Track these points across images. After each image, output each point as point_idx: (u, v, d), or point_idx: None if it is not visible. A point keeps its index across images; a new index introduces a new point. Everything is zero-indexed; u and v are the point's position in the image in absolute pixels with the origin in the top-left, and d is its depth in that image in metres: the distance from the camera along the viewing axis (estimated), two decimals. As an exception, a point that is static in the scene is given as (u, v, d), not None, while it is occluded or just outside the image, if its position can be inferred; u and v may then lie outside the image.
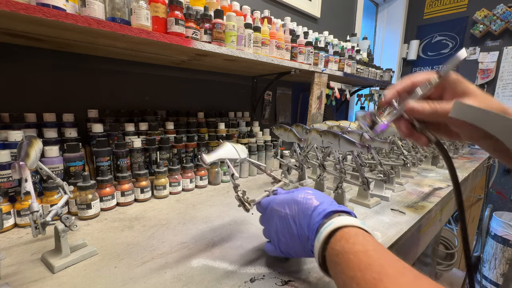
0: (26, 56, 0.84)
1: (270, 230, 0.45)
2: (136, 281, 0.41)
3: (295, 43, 1.21)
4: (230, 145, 0.54)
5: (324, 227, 0.35)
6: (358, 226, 0.35)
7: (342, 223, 0.34)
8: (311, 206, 0.40)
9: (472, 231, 1.92)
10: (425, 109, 0.36)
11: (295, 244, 0.41)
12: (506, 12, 2.28)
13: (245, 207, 0.45)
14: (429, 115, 0.35)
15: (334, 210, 0.38)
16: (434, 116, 0.35)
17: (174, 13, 0.76)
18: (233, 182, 0.48)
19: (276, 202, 0.44)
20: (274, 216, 0.44)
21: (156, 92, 1.17)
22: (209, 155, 0.48)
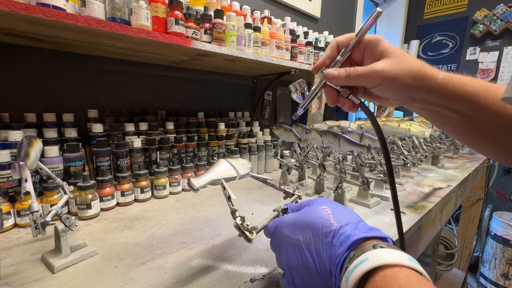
0: (26, 56, 0.84)
1: (281, 260, 0.35)
2: (136, 281, 0.41)
3: (295, 43, 1.21)
4: (226, 163, 0.48)
5: (355, 266, 0.24)
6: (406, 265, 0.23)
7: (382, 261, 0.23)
8: (329, 229, 0.30)
9: (472, 231, 1.92)
10: (340, 75, 0.36)
11: (314, 279, 0.30)
12: (506, 12, 2.28)
13: (247, 238, 0.37)
14: (344, 80, 0.36)
15: (363, 237, 0.28)
16: (349, 81, 0.36)
17: (174, 13, 0.76)
18: (230, 206, 0.41)
19: (285, 225, 0.35)
20: (283, 244, 0.34)
21: (156, 92, 1.17)
22: (197, 179, 0.41)
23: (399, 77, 0.34)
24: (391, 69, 0.34)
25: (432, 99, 0.36)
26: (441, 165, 1.22)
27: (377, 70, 0.34)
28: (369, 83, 0.36)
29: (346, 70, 0.36)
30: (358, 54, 0.38)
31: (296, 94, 0.42)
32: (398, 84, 0.34)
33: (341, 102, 0.39)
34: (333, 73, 0.37)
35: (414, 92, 0.35)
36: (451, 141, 1.43)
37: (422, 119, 1.32)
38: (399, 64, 0.34)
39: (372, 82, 0.35)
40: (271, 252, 0.50)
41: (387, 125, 0.93)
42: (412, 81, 0.34)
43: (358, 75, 0.35)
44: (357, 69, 0.35)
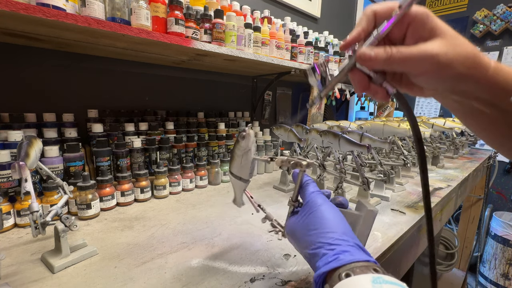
0: (26, 56, 0.84)
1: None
2: (136, 281, 0.41)
3: (295, 43, 1.21)
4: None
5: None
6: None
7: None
8: (313, 251, 0.30)
9: (472, 231, 1.92)
10: (378, 56, 0.28)
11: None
12: (506, 12, 2.28)
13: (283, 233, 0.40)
14: (383, 63, 0.28)
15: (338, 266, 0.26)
16: (389, 64, 0.28)
17: (174, 13, 0.76)
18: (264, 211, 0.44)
19: (287, 231, 0.38)
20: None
21: (156, 92, 1.17)
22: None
23: (454, 63, 0.27)
24: (447, 53, 0.26)
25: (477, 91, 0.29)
26: (441, 165, 1.22)
27: (431, 53, 0.27)
28: (415, 69, 0.29)
29: (386, 50, 0.28)
30: (398, 30, 0.30)
31: (314, 79, 0.34)
32: (450, 72, 0.27)
33: (372, 90, 0.32)
34: (369, 54, 0.28)
35: (461, 82, 0.28)
36: (451, 141, 1.43)
37: (422, 119, 1.32)
38: (455, 48, 0.27)
39: (420, 68, 0.28)
40: (271, 252, 0.50)
41: (387, 125, 0.92)
42: (465, 70, 0.27)
43: (403, 58, 0.27)
44: (402, 50, 0.28)
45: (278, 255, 0.49)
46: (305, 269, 0.45)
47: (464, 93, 0.30)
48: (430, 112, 2.78)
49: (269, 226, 0.43)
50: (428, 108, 2.80)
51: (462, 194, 1.08)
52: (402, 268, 0.62)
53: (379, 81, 0.31)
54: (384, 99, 0.32)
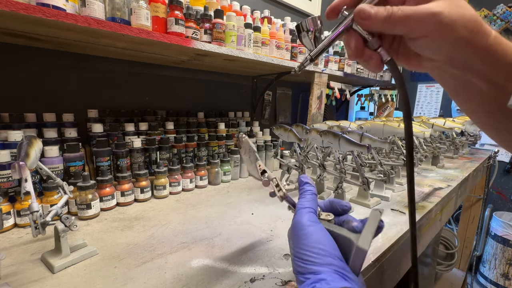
0: (26, 56, 0.84)
1: None
2: (136, 281, 0.41)
3: (295, 43, 1.21)
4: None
5: None
6: None
7: None
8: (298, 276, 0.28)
9: (472, 231, 1.92)
10: (378, 14, 0.27)
11: None
12: (506, 12, 2.28)
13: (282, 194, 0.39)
14: (383, 21, 0.27)
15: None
16: (390, 24, 0.27)
17: (174, 13, 0.76)
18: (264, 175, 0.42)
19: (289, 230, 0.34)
20: None
21: (156, 92, 1.17)
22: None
23: (457, 25, 0.26)
24: (450, 12, 0.25)
25: (475, 61, 0.28)
26: (441, 165, 1.22)
27: (434, 11, 0.26)
28: (416, 31, 0.27)
29: (386, 8, 0.27)
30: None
31: (307, 37, 0.32)
32: (452, 35, 0.26)
33: (366, 55, 0.30)
34: (368, 11, 0.27)
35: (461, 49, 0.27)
36: (451, 141, 1.43)
37: (422, 119, 1.32)
38: (458, 9, 0.26)
39: (422, 28, 0.27)
40: (271, 252, 0.50)
41: (387, 125, 0.92)
42: (467, 34, 0.26)
43: (405, 17, 0.26)
44: (404, 9, 0.26)
45: (278, 255, 0.49)
46: (305, 269, 0.45)
47: (463, 64, 0.29)
48: (430, 112, 2.78)
49: (269, 224, 0.42)
50: (428, 108, 2.80)
51: (462, 194, 1.08)
52: (402, 268, 0.62)
53: (375, 45, 0.29)
54: (377, 67, 0.31)
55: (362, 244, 0.26)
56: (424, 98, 2.83)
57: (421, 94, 2.84)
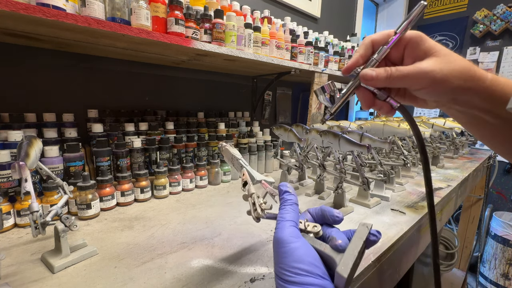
0: (26, 56, 0.84)
1: None
2: (136, 281, 0.41)
3: (295, 43, 1.21)
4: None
5: None
6: None
7: None
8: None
9: (472, 231, 1.92)
10: (379, 75, 0.32)
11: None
12: (506, 12, 2.28)
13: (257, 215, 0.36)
14: (384, 81, 0.32)
15: None
16: (390, 82, 0.32)
17: (174, 13, 0.76)
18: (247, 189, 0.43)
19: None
20: None
21: (156, 92, 1.17)
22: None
23: (449, 78, 0.30)
24: (441, 69, 0.30)
25: (477, 102, 0.32)
26: (441, 165, 1.22)
27: (426, 70, 0.30)
28: (414, 85, 0.32)
29: (386, 70, 0.32)
30: (396, 52, 0.34)
31: (324, 97, 0.38)
32: (447, 86, 0.31)
33: (377, 105, 0.35)
34: (371, 74, 0.32)
35: (461, 94, 0.31)
36: (451, 141, 1.43)
37: (422, 119, 1.32)
38: (449, 64, 0.30)
39: (418, 84, 0.31)
40: (271, 252, 0.50)
41: (387, 125, 0.93)
42: (461, 82, 0.30)
43: (402, 76, 0.31)
44: (400, 69, 0.31)
45: (278, 255, 0.49)
46: (305, 269, 0.45)
47: (466, 103, 0.32)
48: (430, 112, 2.78)
49: (269, 224, 0.42)
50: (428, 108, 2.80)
51: (462, 194, 1.08)
52: (402, 268, 0.62)
53: (383, 97, 0.34)
54: (389, 113, 0.35)
55: (341, 270, 0.25)
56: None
57: (421, 94, 2.84)
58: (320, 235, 0.31)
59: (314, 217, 0.34)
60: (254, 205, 0.37)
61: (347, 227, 0.63)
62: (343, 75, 0.37)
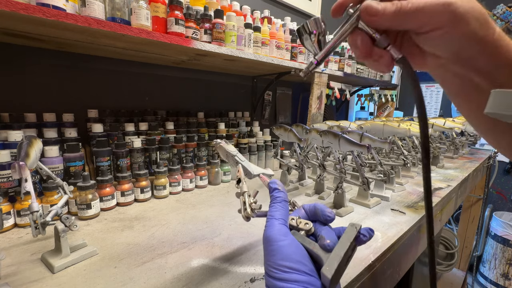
0: (26, 56, 0.84)
1: None
2: (136, 281, 0.41)
3: (295, 43, 1.21)
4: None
5: None
6: None
7: None
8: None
9: (472, 231, 1.92)
10: (387, 9, 0.26)
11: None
12: (506, 12, 2.28)
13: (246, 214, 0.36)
14: (392, 17, 0.26)
15: None
16: (399, 19, 0.26)
17: (174, 13, 0.76)
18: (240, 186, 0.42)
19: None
20: None
21: (156, 92, 1.17)
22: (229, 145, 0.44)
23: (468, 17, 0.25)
24: (462, 3, 0.25)
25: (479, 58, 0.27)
26: (441, 165, 1.22)
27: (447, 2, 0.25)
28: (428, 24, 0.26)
29: (394, 3, 0.26)
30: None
31: (310, 40, 0.30)
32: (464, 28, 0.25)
33: (375, 55, 0.29)
34: (376, 8, 0.26)
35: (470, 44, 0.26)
36: (451, 141, 1.43)
37: (422, 119, 1.32)
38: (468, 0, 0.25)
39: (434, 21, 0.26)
40: (271, 252, 0.50)
41: (387, 125, 0.93)
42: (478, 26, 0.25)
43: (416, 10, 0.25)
44: (414, 1, 0.25)
45: (278, 255, 0.49)
46: (305, 269, 0.45)
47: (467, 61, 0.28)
48: (430, 112, 2.78)
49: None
50: (428, 108, 2.80)
51: (462, 194, 1.08)
52: (402, 268, 0.62)
53: (384, 43, 0.28)
54: (387, 66, 0.29)
55: (325, 271, 0.24)
56: (424, 98, 2.83)
57: (421, 94, 2.85)
58: (312, 232, 0.30)
59: (308, 214, 0.33)
60: (245, 204, 0.36)
61: (347, 227, 0.62)
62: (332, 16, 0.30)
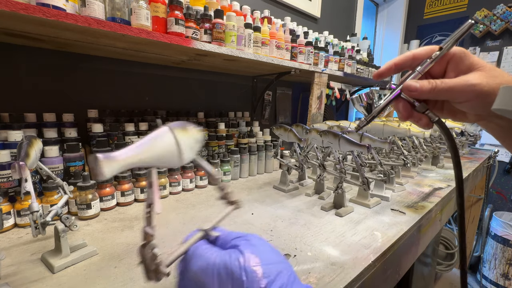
0: (26, 56, 0.84)
1: None
2: (136, 281, 0.41)
3: (295, 43, 1.21)
4: (170, 136, 0.28)
5: None
6: None
7: None
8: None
9: (472, 231, 1.92)
10: (424, 87, 0.33)
11: None
12: (506, 12, 2.28)
13: (150, 276, 0.26)
14: (428, 93, 0.33)
15: None
16: (434, 94, 0.32)
17: (174, 13, 0.76)
18: (146, 227, 0.26)
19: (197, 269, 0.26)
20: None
21: (156, 92, 1.17)
22: (111, 161, 0.22)
23: (496, 91, 0.29)
24: (488, 83, 0.30)
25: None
26: (441, 165, 1.22)
27: (473, 83, 0.31)
28: (459, 98, 0.32)
29: (430, 82, 0.33)
30: (438, 67, 0.35)
31: (361, 106, 0.38)
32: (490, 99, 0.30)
33: (415, 117, 0.36)
34: (414, 85, 0.33)
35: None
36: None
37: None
38: (494, 78, 0.31)
39: (464, 96, 0.32)
40: (271, 252, 0.50)
41: (387, 125, 0.93)
42: None
43: (448, 88, 0.32)
44: (446, 81, 0.32)
45: (278, 255, 0.49)
46: (305, 269, 0.45)
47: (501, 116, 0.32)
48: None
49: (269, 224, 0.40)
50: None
51: (462, 194, 1.08)
52: (402, 268, 0.62)
53: (422, 109, 0.35)
54: (426, 126, 0.36)
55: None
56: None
57: (421, 94, 2.85)
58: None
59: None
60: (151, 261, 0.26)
61: (347, 226, 0.63)
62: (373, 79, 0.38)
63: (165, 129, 0.28)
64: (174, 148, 0.28)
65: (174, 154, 0.28)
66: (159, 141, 0.27)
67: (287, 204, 0.75)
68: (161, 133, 0.27)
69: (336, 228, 0.60)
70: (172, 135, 0.28)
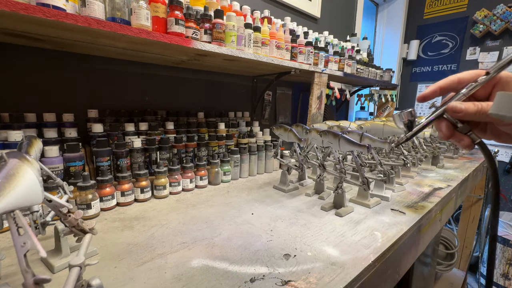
0: (26, 56, 0.84)
1: None
2: (136, 281, 0.41)
3: (295, 43, 1.21)
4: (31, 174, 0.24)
5: None
6: None
7: None
8: None
9: (472, 231, 1.92)
10: (469, 109, 0.33)
11: None
12: (506, 12, 2.28)
13: None
14: (474, 115, 0.33)
15: None
16: (479, 116, 0.33)
17: (174, 13, 0.77)
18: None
19: None
20: None
21: (156, 92, 1.17)
22: None
23: None
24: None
25: None
26: (441, 165, 1.22)
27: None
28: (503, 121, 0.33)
29: (475, 104, 0.33)
30: (483, 90, 0.36)
31: (402, 123, 0.40)
32: None
33: (457, 137, 0.36)
34: (460, 107, 0.34)
35: None
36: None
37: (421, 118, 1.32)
38: None
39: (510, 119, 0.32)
40: (271, 252, 0.50)
41: (387, 125, 0.93)
42: None
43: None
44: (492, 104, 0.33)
45: (278, 255, 0.49)
46: (305, 269, 0.45)
47: None
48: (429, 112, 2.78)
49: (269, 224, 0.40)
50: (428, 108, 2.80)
51: (462, 194, 1.08)
52: (402, 268, 0.62)
53: (465, 130, 0.35)
54: (468, 147, 0.36)
55: None
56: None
57: (421, 94, 2.85)
58: None
59: None
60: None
61: (347, 226, 0.63)
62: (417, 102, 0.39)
63: (15, 161, 0.22)
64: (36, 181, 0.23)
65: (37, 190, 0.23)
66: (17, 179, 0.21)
67: (287, 204, 0.75)
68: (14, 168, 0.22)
69: (336, 228, 0.60)
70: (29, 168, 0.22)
